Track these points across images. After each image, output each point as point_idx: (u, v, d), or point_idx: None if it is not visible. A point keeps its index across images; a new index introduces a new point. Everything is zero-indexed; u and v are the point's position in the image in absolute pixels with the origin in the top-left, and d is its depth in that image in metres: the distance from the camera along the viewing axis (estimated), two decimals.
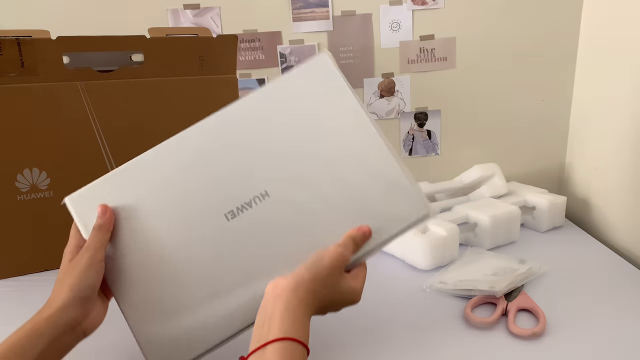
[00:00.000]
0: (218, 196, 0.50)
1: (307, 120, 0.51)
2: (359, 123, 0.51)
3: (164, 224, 0.50)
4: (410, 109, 0.99)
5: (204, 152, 0.52)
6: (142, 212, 0.51)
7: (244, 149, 0.51)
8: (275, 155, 0.51)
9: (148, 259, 0.50)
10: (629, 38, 0.80)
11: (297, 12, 0.93)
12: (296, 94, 0.52)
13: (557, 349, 0.55)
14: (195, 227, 0.50)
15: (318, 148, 0.51)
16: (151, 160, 0.53)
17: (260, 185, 0.50)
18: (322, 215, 0.49)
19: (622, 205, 0.83)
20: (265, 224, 0.49)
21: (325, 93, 0.52)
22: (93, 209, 0.50)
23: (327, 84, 0.52)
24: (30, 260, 0.75)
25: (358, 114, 0.51)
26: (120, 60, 0.76)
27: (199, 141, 0.52)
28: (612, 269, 0.73)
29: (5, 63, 0.67)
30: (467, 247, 0.79)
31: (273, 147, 0.51)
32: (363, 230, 0.48)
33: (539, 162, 1.03)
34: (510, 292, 0.64)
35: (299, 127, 0.51)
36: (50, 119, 0.71)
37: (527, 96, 0.99)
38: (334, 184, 0.50)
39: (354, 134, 0.51)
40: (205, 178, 0.51)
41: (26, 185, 0.72)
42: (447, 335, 0.58)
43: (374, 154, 0.50)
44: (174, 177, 0.51)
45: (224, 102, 0.82)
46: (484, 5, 0.93)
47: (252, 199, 0.50)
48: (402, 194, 0.49)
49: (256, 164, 0.51)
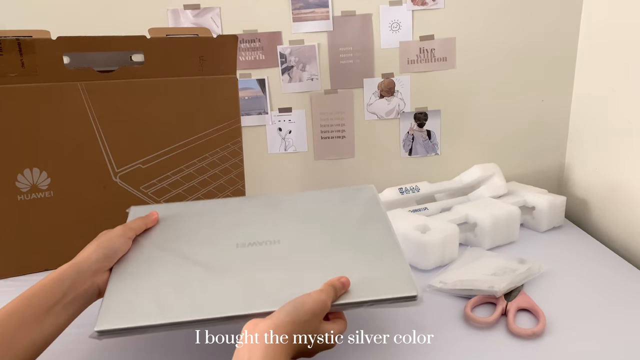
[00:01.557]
0: (239, 232, 0.59)
1: (337, 217, 0.61)
2: (380, 225, 0.59)
3: (188, 241, 0.58)
4: (410, 109, 0.99)
5: (247, 222, 0.61)
6: (176, 230, 0.60)
7: (277, 212, 0.63)
8: (298, 223, 0.60)
9: (159, 245, 0.58)
10: (628, 38, 0.80)
11: (297, 12, 0.93)
12: (336, 200, 0.64)
13: (557, 349, 0.55)
14: (210, 245, 0.57)
15: (337, 226, 0.60)
16: (205, 206, 0.65)
17: (277, 236, 0.58)
18: (317, 266, 0.54)
19: (622, 205, 0.83)
20: (262, 254, 0.55)
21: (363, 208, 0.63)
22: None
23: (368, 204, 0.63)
24: (30, 260, 0.75)
25: (382, 222, 0.60)
26: (121, 60, 0.76)
27: (248, 213, 0.63)
28: (611, 269, 0.73)
29: (5, 63, 0.67)
30: (467, 247, 0.79)
31: (299, 215, 0.62)
32: (342, 281, 0.50)
33: (539, 162, 1.03)
34: (510, 292, 0.64)
35: (330, 217, 0.61)
36: (50, 119, 0.71)
37: (527, 96, 0.99)
38: (339, 251, 0.55)
39: (373, 226, 0.59)
40: (236, 238, 0.58)
41: (26, 185, 0.72)
42: (447, 335, 0.58)
43: (384, 239, 0.57)
44: (215, 225, 0.61)
45: (224, 102, 0.83)
46: (484, 5, 0.93)
47: (264, 241, 0.57)
48: (396, 271, 0.53)
49: (280, 226, 0.60)
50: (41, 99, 0.70)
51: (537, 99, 0.99)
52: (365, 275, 0.51)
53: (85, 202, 0.76)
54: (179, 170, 0.81)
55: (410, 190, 0.87)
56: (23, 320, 0.46)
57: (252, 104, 0.98)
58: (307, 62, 0.96)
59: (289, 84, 0.97)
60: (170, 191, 0.82)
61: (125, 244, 0.56)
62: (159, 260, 0.55)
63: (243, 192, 0.88)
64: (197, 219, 0.62)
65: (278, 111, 0.98)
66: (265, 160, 1.01)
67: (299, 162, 1.02)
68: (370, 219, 0.60)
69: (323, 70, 0.96)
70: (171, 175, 0.81)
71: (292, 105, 0.98)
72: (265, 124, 0.99)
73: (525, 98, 0.99)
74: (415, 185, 0.89)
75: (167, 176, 0.81)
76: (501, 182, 0.91)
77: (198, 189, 0.84)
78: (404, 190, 0.87)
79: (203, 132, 0.82)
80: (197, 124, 0.81)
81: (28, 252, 0.75)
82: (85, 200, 0.76)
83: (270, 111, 0.98)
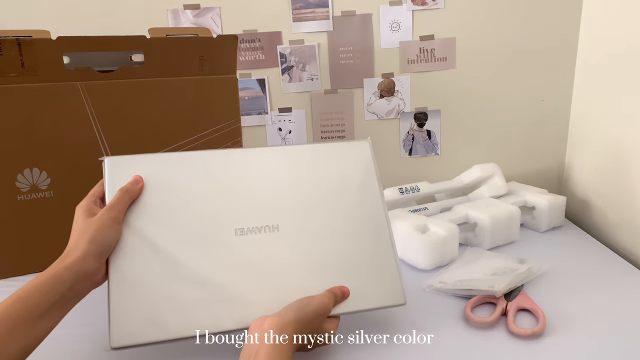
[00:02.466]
0: (237, 211, 0.56)
1: (335, 187, 0.59)
2: (376, 213, 0.59)
3: (183, 218, 0.54)
4: (410, 109, 0.99)
5: (241, 171, 0.58)
6: (168, 197, 0.55)
7: (272, 183, 0.58)
8: (295, 201, 0.57)
9: (155, 242, 0.53)
10: (628, 38, 0.80)
11: (297, 12, 0.93)
12: (332, 162, 0.61)
13: (557, 349, 0.55)
14: (208, 231, 0.54)
15: (335, 212, 0.58)
16: (196, 157, 0.58)
17: (275, 219, 0.56)
18: (315, 266, 0.55)
19: (622, 205, 0.83)
20: (263, 252, 0.54)
21: (357, 174, 0.61)
22: (127, 176, 0.54)
23: (361, 168, 0.61)
24: (30, 260, 0.75)
25: (377, 202, 0.60)
26: (121, 61, 0.76)
27: (241, 161, 0.58)
28: (611, 269, 0.73)
29: (5, 63, 0.67)
30: (466, 247, 0.79)
31: (296, 193, 0.58)
32: (343, 290, 0.54)
33: (539, 162, 1.03)
34: (510, 291, 0.64)
35: (326, 188, 0.59)
36: (50, 119, 0.71)
37: (527, 96, 0.99)
38: (336, 245, 0.56)
39: (369, 215, 0.59)
40: (233, 191, 0.56)
41: (26, 185, 0.72)
42: (447, 335, 0.58)
43: (380, 241, 0.58)
44: (211, 179, 0.56)
45: (224, 102, 0.83)
46: (484, 5, 0.93)
47: (263, 227, 0.55)
48: (389, 281, 0.57)
49: (278, 200, 0.57)
50: (41, 99, 0.70)
51: (537, 99, 0.99)
52: (359, 287, 0.55)
53: None
54: None
55: (410, 190, 0.87)
56: (16, 324, 0.44)
57: (252, 104, 0.98)
58: (307, 62, 0.96)
59: (289, 84, 0.97)
60: None
61: (117, 233, 0.52)
62: (154, 262, 0.52)
63: None
64: (188, 183, 0.56)
65: (278, 111, 0.98)
66: None
67: None
68: (365, 199, 0.60)
69: (323, 70, 0.96)
70: None
71: (292, 105, 0.98)
72: (265, 124, 0.99)
73: (525, 98, 0.99)
74: (415, 185, 0.89)
75: None
76: (501, 182, 0.91)
77: None
78: (404, 190, 0.87)
79: (203, 132, 0.82)
80: (197, 124, 0.81)
81: (28, 252, 0.75)
82: None
83: (270, 111, 0.98)
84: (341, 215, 0.58)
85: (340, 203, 0.59)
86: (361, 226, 0.58)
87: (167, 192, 0.55)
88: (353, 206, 0.59)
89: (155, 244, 0.53)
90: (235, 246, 0.54)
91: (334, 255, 0.56)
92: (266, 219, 0.56)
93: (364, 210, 0.59)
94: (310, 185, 0.59)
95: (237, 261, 0.53)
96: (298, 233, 0.56)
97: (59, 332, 0.51)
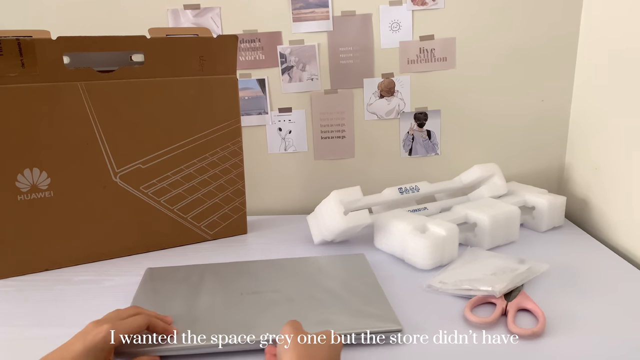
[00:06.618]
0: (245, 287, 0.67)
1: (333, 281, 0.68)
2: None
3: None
4: (410, 109, 0.99)
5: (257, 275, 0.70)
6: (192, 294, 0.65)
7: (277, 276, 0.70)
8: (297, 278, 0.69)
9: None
10: (628, 38, 0.80)
11: (297, 12, 0.93)
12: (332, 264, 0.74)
13: (557, 349, 0.55)
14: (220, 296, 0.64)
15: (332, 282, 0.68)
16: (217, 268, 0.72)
17: (277, 288, 0.66)
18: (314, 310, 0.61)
19: (622, 205, 0.83)
20: (263, 300, 0.63)
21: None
22: (162, 283, 0.67)
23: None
24: (30, 260, 0.75)
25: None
26: (121, 60, 0.76)
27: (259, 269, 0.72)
28: (611, 269, 0.73)
29: (5, 63, 0.67)
30: (466, 247, 0.79)
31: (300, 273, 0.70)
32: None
33: (539, 162, 1.03)
34: (510, 292, 0.64)
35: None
36: (50, 119, 0.71)
37: (527, 96, 0.99)
38: (333, 298, 0.63)
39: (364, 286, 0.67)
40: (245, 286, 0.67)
41: (26, 185, 0.72)
42: (447, 335, 0.58)
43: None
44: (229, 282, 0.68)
45: (224, 102, 0.83)
46: (484, 5, 0.93)
47: (265, 291, 0.65)
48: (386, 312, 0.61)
49: (281, 282, 0.68)
50: (41, 99, 0.70)
51: (537, 98, 0.99)
52: (356, 317, 0.59)
53: (85, 202, 0.76)
54: (179, 170, 0.81)
55: (410, 190, 0.87)
56: None
57: (252, 104, 0.98)
58: (307, 62, 0.96)
59: (289, 84, 0.97)
60: (170, 191, 0.82)
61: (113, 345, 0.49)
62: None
63: (243, 192, 0.88)
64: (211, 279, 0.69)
65: (278, 111, 0.98)
66: (265, 160, 1.01)
67: (299, 162, 1.02)
68: (360, 276, 0.70)
69: (323, 70, 0.96)
70: (171, 175, 0.81)
71: (292, 105, 0.98)
72: (265, 124, 0.99)
73: (525, 98, 0.99)
74: (415, 185, 0.89)
75: (167, 176, 0.81)
76: (501, 182, 0.91)
77: (198, 189, 0.84)
78: (404, 190, 0.87)
79: (203, 132, 0.82)
80: (197, 124, 0.81)
81: (28, 252, 0.75)
82: (85, 200, 0.76)
83: (270, 111, 0.98)
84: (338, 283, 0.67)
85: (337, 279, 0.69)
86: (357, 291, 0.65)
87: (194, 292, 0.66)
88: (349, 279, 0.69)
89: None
90: (239, 300, 0.63)
91: (332, 304, 0.62)
92: (269, 288, 0.66)
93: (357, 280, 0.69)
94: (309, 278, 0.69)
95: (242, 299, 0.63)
96: (296, 289, 0.66)
97: (59, 332, 0.51)
